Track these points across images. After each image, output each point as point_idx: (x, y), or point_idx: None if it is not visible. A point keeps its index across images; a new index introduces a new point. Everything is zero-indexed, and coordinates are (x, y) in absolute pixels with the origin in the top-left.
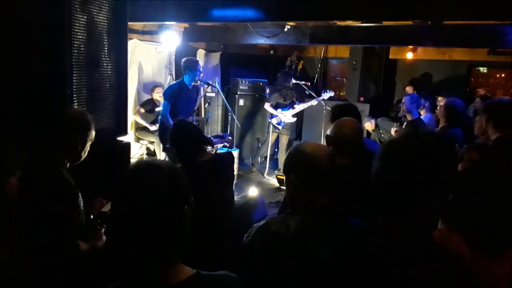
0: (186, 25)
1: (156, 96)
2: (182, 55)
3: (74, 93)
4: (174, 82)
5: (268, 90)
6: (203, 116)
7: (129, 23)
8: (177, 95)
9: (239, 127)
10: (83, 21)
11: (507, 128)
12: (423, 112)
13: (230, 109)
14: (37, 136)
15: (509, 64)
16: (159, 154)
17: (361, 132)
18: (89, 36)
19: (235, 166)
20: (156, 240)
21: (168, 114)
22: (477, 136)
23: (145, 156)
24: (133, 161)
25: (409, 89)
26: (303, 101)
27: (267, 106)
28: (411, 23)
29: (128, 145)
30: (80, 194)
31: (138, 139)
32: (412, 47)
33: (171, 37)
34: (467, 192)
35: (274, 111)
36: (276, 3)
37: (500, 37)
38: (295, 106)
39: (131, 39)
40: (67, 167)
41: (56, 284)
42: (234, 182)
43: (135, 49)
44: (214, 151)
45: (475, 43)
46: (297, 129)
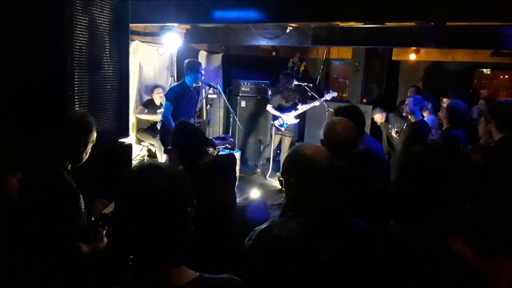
0: (187, 26)
1: (156, 96)
2: (183, 56)
3: (75, 94)
4: (175, 83)
5: (270, 91)
6: (204, 118)
7: (130, 24)
8: (180, 96)
9: (241, 129)
10: (85, 23)
11: (510, 129)
12: (426, 114)
13: (232, 110)
14: (38, 137)
15: None
16: (160, 156)
17: (354, 131)
18: (91, 37)
19: (237, 168)
20: (159, 242)
21: (170, 115)
22: (481, 137)
23: (146, 158)
24: (134, 162)
25: (412, 91)
26: (306, 102)
27: (269, 108)
28: (413, 24)
29: (129, 146)
30: (81, 195)
31: (139, 141)
32: (414, 48)
33: (173, 39)
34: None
35: (276, 113)
36: (278, 4)
37: (503, 38)
38: (297, 107)
39: (133, 40)
40: (68, 168)
41: (55, 285)
42: (236, 184)
43: (137, 50)
44: (216, 153)
45: (478, 45)
46: (300, 130)
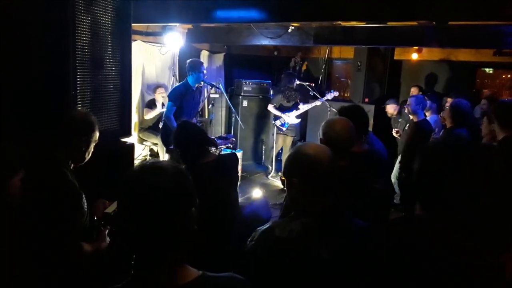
0: (189, 26)
1: (158, 96)
2: (185, 56)
3: (78, 94)
4: (178, 83)
5: (272, 91)
6: (206, 117)
7: (132, 24)
8: (183, 96)
9: (243, 128)
10: (87, 23)
11: None
12: (428, 113)
13: (233, 110)
14: (41, 137)
15: None
16: (162, 155)
17: (353, 130)
18: (93, 37)
19: (239, 167)
20: (161, 242)
21: (172, 115)
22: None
23: (148, 157)
24: (136, 162)
25: (415, 90)
26: (307, 102)
27: (270, 107)
28: (415, 23)
29: (132, 146)
30: (83, 195)
31: (141, 141)
32: (417, 48)
33: (175, 39)
34: (468, 192)
35: (277, 113)
36: (280, 3)
37: (505, 37)
38: (298, 107)
39: (135, 40)
40: (71, 168)
41: (56, 285)
42: (238, 183)
43: (139, 50)
44: (218, 152)
45: (480, 44)
46: (302, 130)
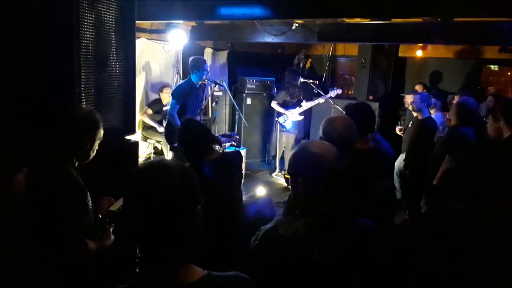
0: (193, 23)
1: (164, 96)
2: (189, 53)
3: (82, 92)
4: (182, 81)
5: (275, 88)
6: (210, 115)
7: (136, 22)
8: (187, 94)
9: (247, 126)
10: (91, 20)
11: None
12: (433, 111)
13: (237, 108)
14: (45, 135)
15: None
16: (166, 153)
17: (354, 128)
18: (97, 35)
19: (243, 165)
20: (166, 240)
21: (175, 113)
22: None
23: (152, 155)
24: (141, 160)
25: (419, 88)
26: (311, 99)
27: (273, 104)
28: (420, 20)
29: (136, 144)
30: (88, 193)
31: (145, 138)
32: (421, 45)
33: (179, 36)
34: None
35: (280, 110)
36: (283, 0)
37: (510, 34)
38: (301, 104)
39: (139, 38)
40: (76, 166)
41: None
42: (242, 181)
43: (143, 48)
44: (221, 150)
45: (485, 41)
46: (305, 127)
